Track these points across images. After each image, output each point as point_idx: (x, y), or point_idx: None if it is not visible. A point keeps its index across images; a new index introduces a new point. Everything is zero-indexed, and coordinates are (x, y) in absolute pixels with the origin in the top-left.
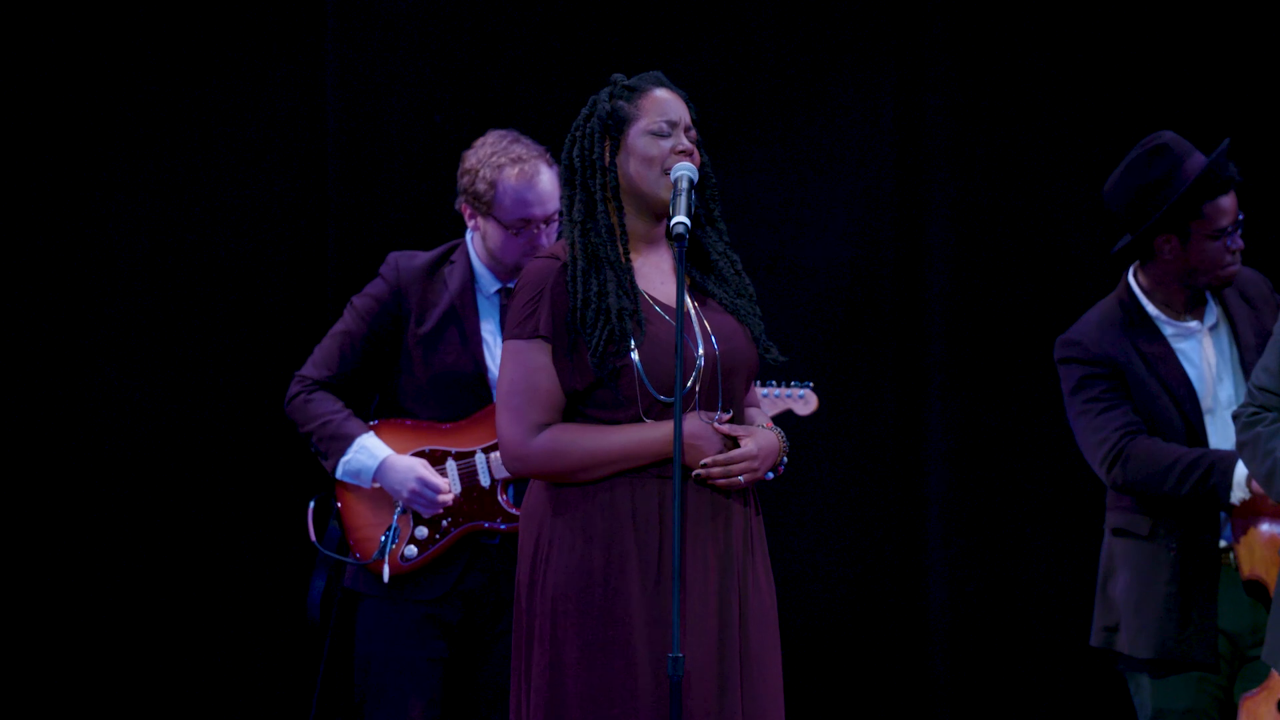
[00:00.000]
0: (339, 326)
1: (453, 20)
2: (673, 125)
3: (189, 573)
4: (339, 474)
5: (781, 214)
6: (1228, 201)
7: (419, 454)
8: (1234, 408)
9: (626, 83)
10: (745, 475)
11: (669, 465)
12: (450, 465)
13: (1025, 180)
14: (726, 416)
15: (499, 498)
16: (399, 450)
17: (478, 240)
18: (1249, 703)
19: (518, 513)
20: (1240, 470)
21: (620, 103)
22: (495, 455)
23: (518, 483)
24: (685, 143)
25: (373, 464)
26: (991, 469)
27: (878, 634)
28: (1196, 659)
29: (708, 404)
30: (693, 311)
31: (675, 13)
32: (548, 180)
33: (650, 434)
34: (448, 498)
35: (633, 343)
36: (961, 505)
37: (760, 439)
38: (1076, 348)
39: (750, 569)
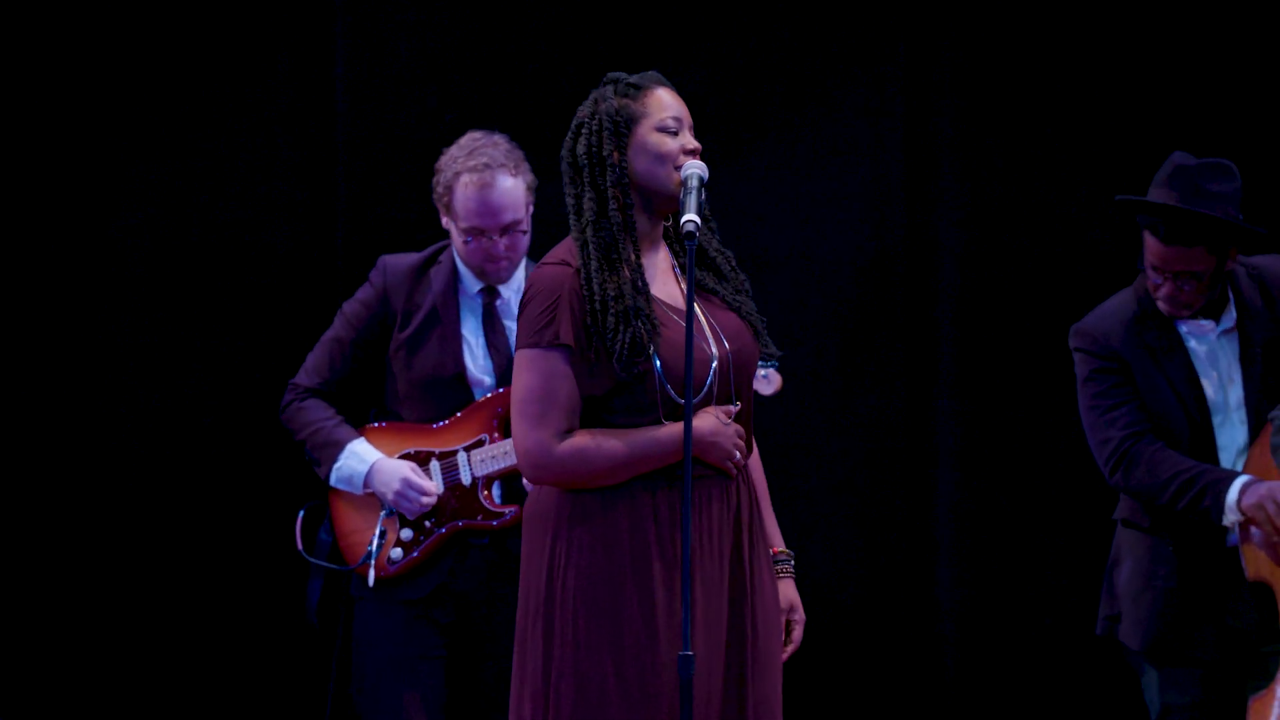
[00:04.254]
0: (330, 333)
1: (463, 18)
2: (679, 123)
3: (192, 576)
4: (332, 481)
5: (792, 210)
6: (1156, 244)
7: (405, 455)
8: (1243, 411)
9: (629, 80)
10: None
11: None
12: (434, 465)
13: (1036, 176)
14: (735, 409)
15: (479, 495)
16: (387, 453)
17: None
18: (1257, 704)
19: (500, 509)
20: (1232, 494)
21: (626, 100)
22: (476, 453)
23: (499, 480)
24: (693, 141)
25: (363, 469)
26: (1002, 465)
27: (888, 631)
28: (1196, 655)
29: (721, 403)
30: (700, 311)
31: (686, 11)
32: (504, 191)
33: (672, 435)
34: (432, 499)
35: (651, 346)
36: (971, 502)
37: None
38: (1086, 339)
39: (755, 562)
